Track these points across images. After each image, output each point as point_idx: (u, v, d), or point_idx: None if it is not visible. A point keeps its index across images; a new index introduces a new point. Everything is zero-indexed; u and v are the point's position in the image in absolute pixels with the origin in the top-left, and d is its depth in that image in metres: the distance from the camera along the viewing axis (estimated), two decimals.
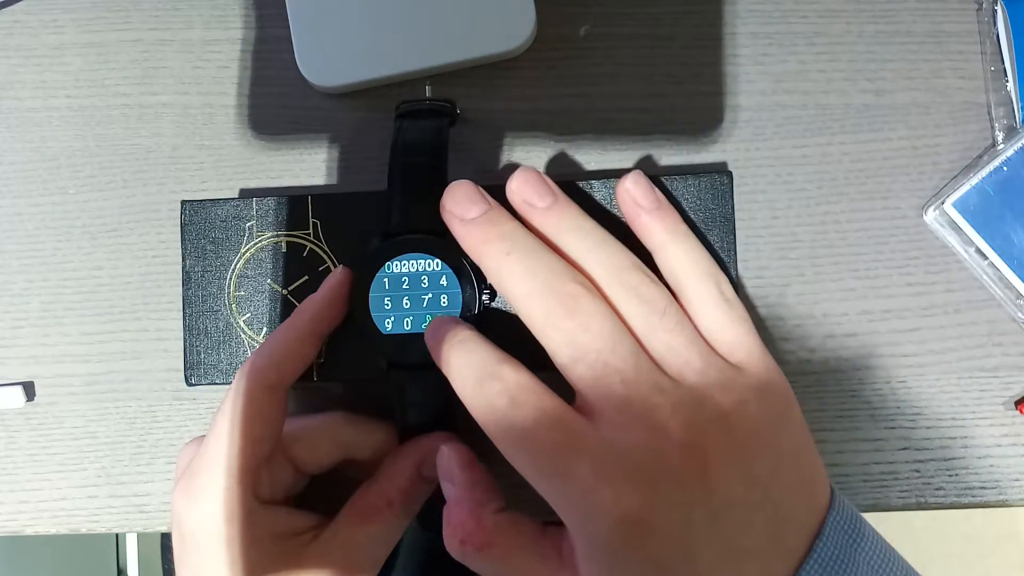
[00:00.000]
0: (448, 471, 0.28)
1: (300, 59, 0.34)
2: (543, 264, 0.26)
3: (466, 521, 0.26)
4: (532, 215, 0.28)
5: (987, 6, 0.36)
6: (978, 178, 0.34)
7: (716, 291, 0.27)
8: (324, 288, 0.30)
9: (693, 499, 0.24)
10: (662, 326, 0.26)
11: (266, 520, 0.29)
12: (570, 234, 0.27)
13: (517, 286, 0.26)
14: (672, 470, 0.24)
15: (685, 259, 0.28)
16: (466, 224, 0.28)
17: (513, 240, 0.27)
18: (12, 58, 0.36)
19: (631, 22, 0.36)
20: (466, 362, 0.26)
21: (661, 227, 0.28)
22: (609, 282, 0.26)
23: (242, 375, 0.29)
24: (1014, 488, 0.34)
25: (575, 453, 0.24)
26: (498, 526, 0.26)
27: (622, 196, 0.29)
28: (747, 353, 0.26)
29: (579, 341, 0.25)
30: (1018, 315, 0.34)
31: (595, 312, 0.25)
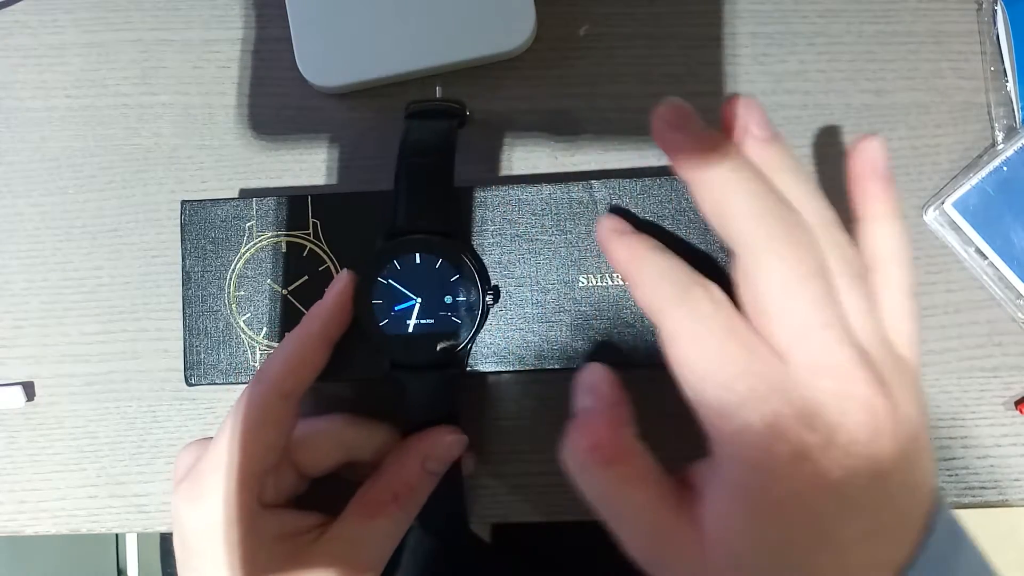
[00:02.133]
0: (593, 385, 0.27)
1: (300, 59, 0.34)
2: (767, 190, 0.25)
3: (602, 431, 0.26)
4: (750, 143, 0.27)
5: (987, 6, 0.36)
6: (978, 178, 0.34)
7: (909, 281, 0.27)
8: (331, 294, 0.30)
9: (861, 461, 0.24)
10: (859, 292, 0.25)
11: (270, 522, 0.29)
12: (787, 174, 0.26)
13: (739, 204, 0.25)
14: (851, 428, 0.24)
15: (896, 239, 0.27)
16: (689, 136, 0.26)
17: (740, 160, 0.26)
18: (12, 58, 0.36)
19: (631, 22, 0.36)
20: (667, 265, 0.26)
21: (887, 199, 0.28)
22: (820, 229, 0.26)
23: (255, 383, 0.29)
24: (1014, 488, 0.34)
25: (768, 387, 0.24)
26: (632, 448, 0.26)
27: (860, 153, 0.28)
28: (912, 347, 0.26)
29: (793, 274, 0.24)
30: (1018, 315, 0.34)
31: (813, 251, 0.25)
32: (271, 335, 0.32)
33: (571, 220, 0.32)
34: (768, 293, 0.25)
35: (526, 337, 0.31)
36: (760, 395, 0.24)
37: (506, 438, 0.34)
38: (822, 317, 0.24)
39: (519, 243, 0.32)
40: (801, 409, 0.24)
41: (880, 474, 0.24)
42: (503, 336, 0.31)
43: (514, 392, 0.34)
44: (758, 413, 0.24)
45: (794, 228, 0.25)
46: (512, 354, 0.31)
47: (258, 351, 0.32)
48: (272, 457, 0.29)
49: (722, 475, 0.25)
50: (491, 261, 0.32)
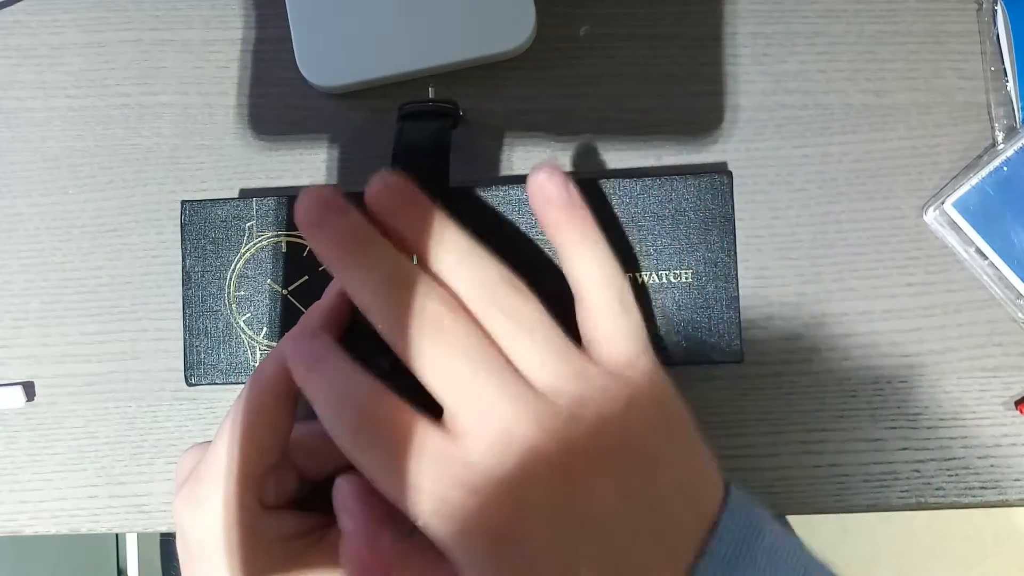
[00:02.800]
0: (343, 504, 0.27)
1: (300, 59, 0.34)
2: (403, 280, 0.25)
3: (363, 553, 0.26)
4: (395, 222, 0.26)
5: (987, 6, 0.36)
6: (978, 178, 0.34)
7: (614, 298, 0.27)
8: (330, 294, 0.30)
9: (562, 513, 0.23)
10: (530, 341, 0.25)
11: (271, 525, 0.29)
12: (435, 246, 0.26)
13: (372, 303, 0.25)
14: (539, 486, 0.23)
15: (589, 263, 0.27)
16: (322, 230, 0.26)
17: (372, 254, 0.26)
18: (12, 58, 0.36)
19: (631, 22, 0.36)
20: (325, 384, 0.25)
21: (569, 227, 0.27)
22: (476, 298, 0.25)
23: (252, 384, 0.29)
24: (1014, 488, 0.34)
25: (442, 475, 0.24)
26: (395, 555, 0.26)
27: (532, 187, 0.27)
28: (629, 362, 0.26)
29: (441, 359, 0.24)
30: (1018, 315, 0.34)
31: (457, 329, 0.25)
32: (271, 335, 0.32)
33: None
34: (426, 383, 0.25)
35: None
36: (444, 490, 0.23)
37: None
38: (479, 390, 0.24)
39: (519, 243, 0.32)
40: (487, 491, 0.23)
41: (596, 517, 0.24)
42: None
43: None
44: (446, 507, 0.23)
45: (438, 314, 0.25)
46: None
47: (258, 351, 0.32)
48: (271, 458, 0.29)
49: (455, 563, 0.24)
50: None
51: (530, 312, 0.26)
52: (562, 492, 0.24)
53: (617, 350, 0.26)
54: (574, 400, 0.25)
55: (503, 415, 0.24)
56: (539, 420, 0.24)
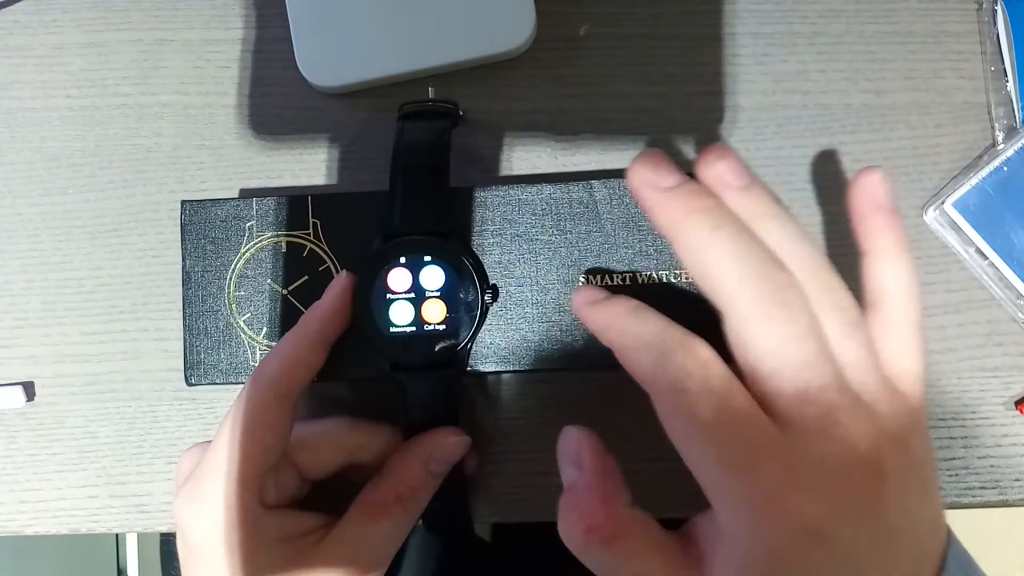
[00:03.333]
0: (576, 456, 0.26)
1: (300, 59, 0.34)
2: (754, 247, 0.24)
3: (597, 510, 0.25)
4: (727, 194, 0.25)
5: (987, 6, 0.36)
6: (978, 178, 0.34)
7: (917, 316, 0.26)
8: (329, 295, 0.30)
9: (864, 518, 0.23)
10: (855, 339, 0.24)
11: (273, 524, 0.29)
12: (768, 220, 0.25)
13: (722, 266, 0.24)
14: (853, 486, 0.23)
15: (902, 274, 0.27)
16: (665, 192, 0.25)
17: (720, 216, 0.24)
18: (12, 58, 0.36)
19: (631, 22, 0.36)
20: (646, 330, 0.25)
21: (891, 233, 0.27)
22: (810, 279, 0.24)
23: (252, 383, 0.29)
24: (1014, 488, 0.34)
25: (765, 452, 0.23)
26: (629, 521, 0.25)
27: (861, 187, 0.27)
28: (915, 383, 0.26)
29: (784, 334, 0.23)
30: (1018, 315, 0.34)
31: (803, 309, 0.24)
32: (271, 335, 0.32)
33: (571, 220, 0.32)
34: (760, 359, 0.24)
35: (526, 337, 0.31)
36: (757, 465, 0.23)
37: (506, 438, 0.34)
38: (818, 380, 0.23)
39: (519, 243, 0.32)
40: (802, 478, 0.23)
41: (888, 529, 0.23)
42: (503, 336, 0.31)
43: (514, 392, 0.34)
44: (756, 485, 0.23)
45: (781, 286, 0.24)
46: (512, 354, 0.31)
47: (258, 351, 0.32)
48: (271, 458, 0.29)
49: (725, 544, 0.24)
50: (491, 261, 0.32)
51: (854, 309, 0.25)
52: (869, 500, 0.23)
53: (909, 368, 0.26)
54: (884, 411, 0.24)
55: (836, 412, 0.23)
56: (867, 424, 0.23)
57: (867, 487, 0.23)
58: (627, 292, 0.31)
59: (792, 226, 0.25)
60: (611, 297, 0.26)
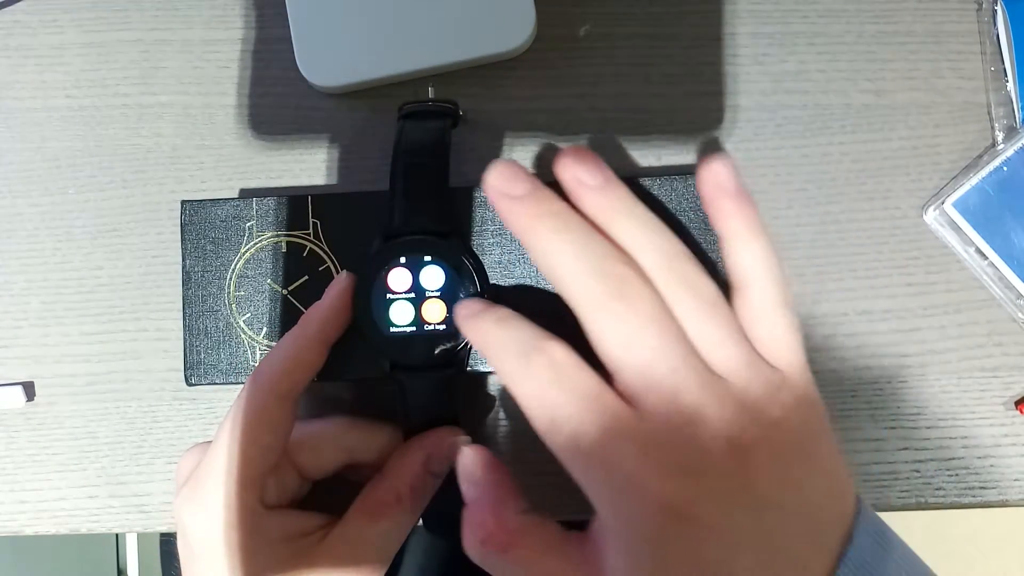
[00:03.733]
0: (469, 471, 0.27)
1: (300, 59, 0.34)
2: (593, 245, 0.25)
3: (487, 521, 0.26)
4: (582, 194, 0.27)
5: (987, 6, 0.36)
6: (978, 178, 0.34)
7: (781, 295, 0.26)
8: (329, 295, 0.30)
9: (735, 496, 0.23)
10: (712, 320, 0.25)
11: (273, 524, 0.29)
12: (622, 217, 0.26)
13: (565, 267, 0.25)
14: (716, 465, 0.23)
15: (759, 255, 0.27)
16: (513, 201, 0.26)
17: (564, 219, 0.26)
18: (12, 58, 0.36)
19: (631, 22, 0.36)
20: (508, 336, 0.26)
21: (741, 216, 0.27)
22: (661, 269, 0.25)
23: (251, 384, 0.29)
24: (1014, 488, 0.34)
25: (621, 439, 0.24)
26: (521, 527, 0.26)
27: (706, 175, 0.27)
28: (791, 361, 0.26)
29: (627, 327, 0.24)
30: (1018, 315, 0.34)
31: (646, 298, 0.25)
32: (271, 335, 0.32)
33: None
34: (609, 353, 0.25)
35: None
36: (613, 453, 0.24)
37: (506, 438, 0.34)
38: (665, 365, 0.24)
39: (519, 243, 0.32)
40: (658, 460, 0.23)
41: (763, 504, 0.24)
42: None
43: None
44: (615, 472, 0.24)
45: (624, 280, 0.25)
46: None
47: (258, 351, 0.32)
48: (271, 458, 0.29)
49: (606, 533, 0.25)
50: (491, 261, 0.32)
51: (712, 291, 0.26)
52: (737, 477, 0.24)
53: (780, 347, 0.26)
54: (747, 388, 0.25)
55: (687, 393, 0.24)
56: (721, 402, 0.24)
57: (730, 464, 0.24)
58: None
59: (646, 219, 0.26)
60: (485, 308, 0.27)
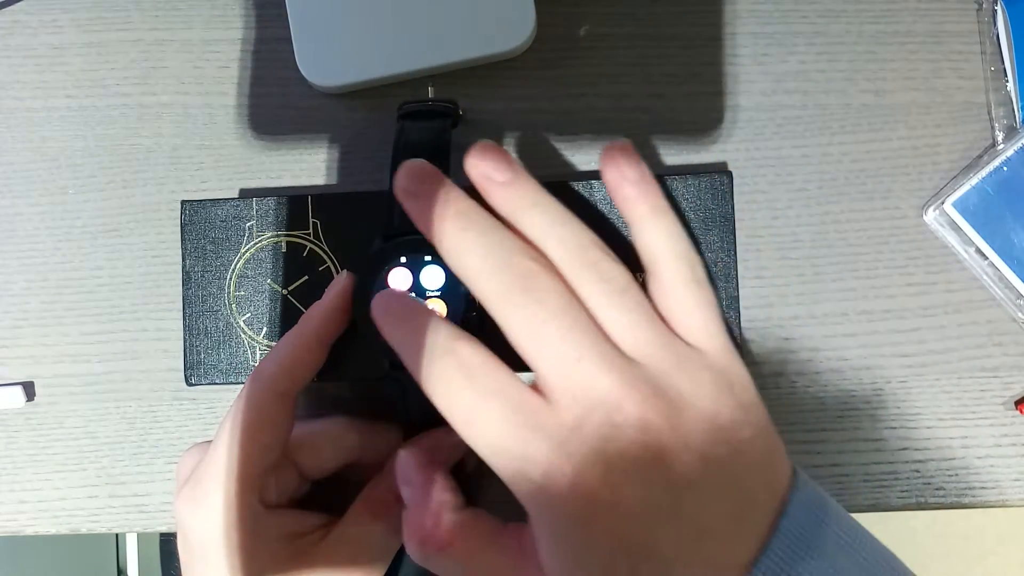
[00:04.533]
0: (405, 474, 0.27)
1: (300, 59, 0.34)
2: (499, 242, 0.26)
3: (424, 522, 0.26)
4: (490, 189, 0.27)
5: (987, 6, 0.36)
6: (978, 178, 0.34)
7: (689, 272, 0.27)
8: (329, 295, 0.30)
9: (652, 478, 0.24)
10: (621, 305, 0.25)
11: (273, 523, 0.29)
12: (528, 210, 0.27)
13: (472, 264, 0.26)
14: (629, 449, 0.24)
15: (663, 235, 0.27)
16: (419, 200, 0.27)
17: (468, 217, 0.26)
18: (12, 58, 0.36)
19: (631, 22, 0.36)
20: (416, 337, 0.26)
21: (643, 200, 0.27)
22: (568, 260, 0.26)
23: (251, 383, 0.29)
24: (1014, 488, 0.34)
25: (532, 433, 0.24)
26: (457, 525, 0.26)
27: (607, 163, 0.28)
28: (708, 337, 0.26)
29: (534, 319, 0.25)
30: (1018, 315, 0.34)
31: (551, 290, 0.25)
32: (271, 335, 0.32)
33: None
34: (518, 346, 0.25)
35: None
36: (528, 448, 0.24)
37: None
38: (575, 354, 0.24)
39: None
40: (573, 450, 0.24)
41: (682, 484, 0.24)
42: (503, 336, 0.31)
43: None
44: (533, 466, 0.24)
45: (525, 273, 0.25)
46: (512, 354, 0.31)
47: (258, 351, 0.32)
48: (271, 457, 0.29)
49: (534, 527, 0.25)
50: None
51: (620, 276, 0.26)
52: (652, 459, 0.24)
53: (694, 324, 0.26)
54: (660, 368, 0.25)
55: (596, 379, 0.24)
56: (631, 385, 0.24)
57: (646, 447, 0.24)
58: None
59: (554, 211, 0.27)
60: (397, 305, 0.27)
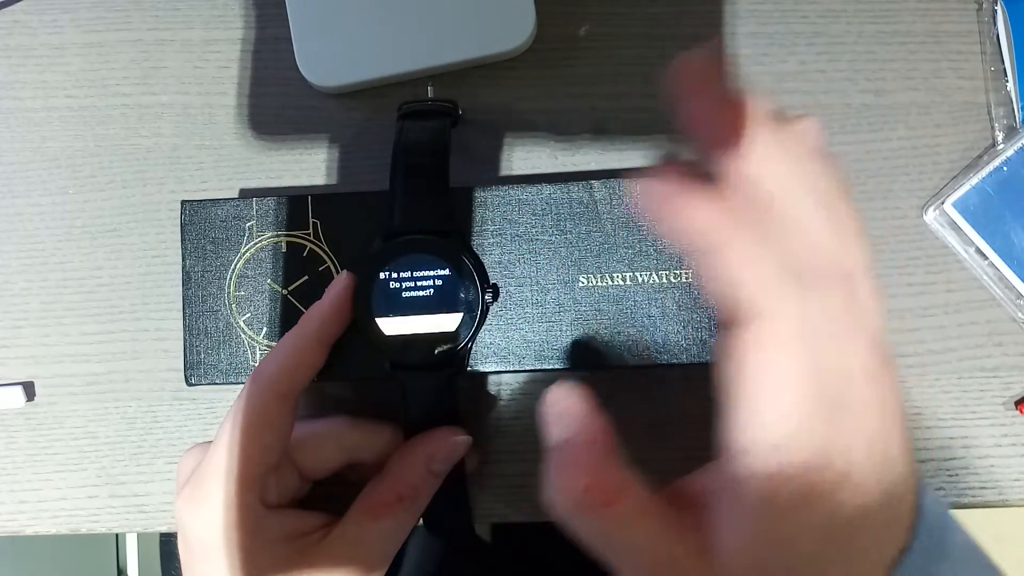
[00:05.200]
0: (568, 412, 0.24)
1: (300, 59, 0.34)
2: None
3: (597, 468, 0.22)
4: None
5: (987, 6, 0.36)
6: (978, 178, 0.34)
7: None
8: (329, 295, 0.30)
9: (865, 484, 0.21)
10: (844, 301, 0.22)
11: (274, 524, 0.29)
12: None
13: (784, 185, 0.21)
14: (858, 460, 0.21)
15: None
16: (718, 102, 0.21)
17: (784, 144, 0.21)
18: (12, 58, 0.36)
19: (631, 22, 0.36)
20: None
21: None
22: None
23: (252, 383, 0.29)
24: (1014, 488, 0.34)
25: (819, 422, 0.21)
26: (627, 483, 0.23)
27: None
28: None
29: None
30: (1018, 315, 0.34)
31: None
32: (271, 335, 0.32)
33: (571, 220, 0.31)
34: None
35: (526, 337, 0.31)
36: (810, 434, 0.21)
37: (506, 438, 0.34)
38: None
39: (519, 243, 0.32)
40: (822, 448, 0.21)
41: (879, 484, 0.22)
42: (503, 336, 0.31)
43: (514, 392, 0.34)
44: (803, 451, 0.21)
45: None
46: (512, 354, 0.31)
47: (258, 351, 0.32)
48: (272, 458, 0.29)
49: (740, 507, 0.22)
50: (491, 261, 0.32)
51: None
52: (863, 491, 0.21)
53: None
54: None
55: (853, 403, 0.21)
56: None
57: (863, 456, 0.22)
58: (627, 292, 0.31)
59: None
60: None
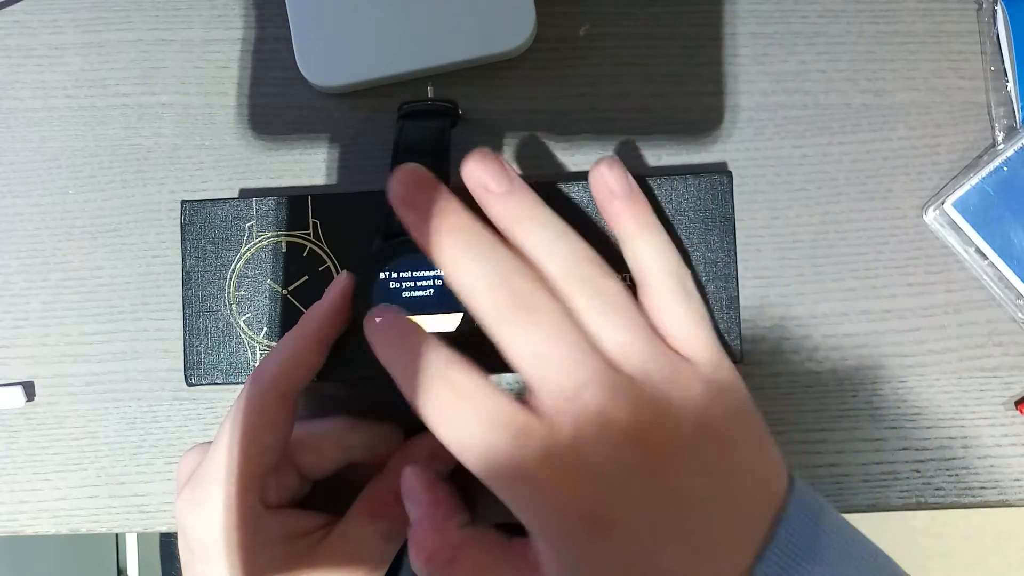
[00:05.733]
0: (411, 492, 0.27)
1: (300, 59, 0.34)
2: (496, 260, 0.25)
3: (430, 538, 0.26)
4: (487, 200, 0.27)
5: (987, 6, 0.36)
6: (978, 178, 0.34)
7: (678, 286, 0.27)
8: (329, 295, 0.30)
9: (648, 493, 0.24)
10: (615, 322, 0.25)
11: (274, 524, 0.29)
12: (526, 223, 0.26)
13: (468, 282, 0.25)
14: (625, 465, 0.24)
15: (652, 251, 0.27)
16: (415, 210, 0.26)
17: (465, 233, 0.26)
18: (12, 58, 0.36)
19: (631, 22, 0.36)
20: (408, 361, 0.25)
21: (631, 215, 0.28)
22: (564, 275, 0.26)
23: (252, 383, 0.29)
24: (1014, 488, 0.34)
25: (531, 455, 0.24)
26: (463, 541, 0.26)
27: (595, 179, 0.28)
28: (700, 347, 0.26)
29: (529, 339, 0.25)
30: (1018, 315, 0.34)
31: (547, 309, 0.25)
32: (271, 335, 0.32)
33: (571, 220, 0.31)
34: (516, 365, 0.25)
35: None
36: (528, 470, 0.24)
37: None
38: (569, 371, 0.24)
39: None
40: (569, 469, 0.24)
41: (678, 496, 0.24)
42: None
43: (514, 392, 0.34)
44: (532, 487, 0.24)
45: (524, 293, 0.25)
46: None
47: (258, 351, 0.32)
48: (272, 458, 0.29)
49: (536, 544, 0.25)
50: None
51: (616, 292, 0.26)
52: (648, 474, 0.24)
53: (686, 336, 0.26)
54: (654, 382, 0.25)
55: (590, 395, 0.24)
56: (627, 402, 0.24)
57: (642, 462, 0.24)
58: None
59: (552, 226, 0.26)
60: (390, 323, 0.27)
